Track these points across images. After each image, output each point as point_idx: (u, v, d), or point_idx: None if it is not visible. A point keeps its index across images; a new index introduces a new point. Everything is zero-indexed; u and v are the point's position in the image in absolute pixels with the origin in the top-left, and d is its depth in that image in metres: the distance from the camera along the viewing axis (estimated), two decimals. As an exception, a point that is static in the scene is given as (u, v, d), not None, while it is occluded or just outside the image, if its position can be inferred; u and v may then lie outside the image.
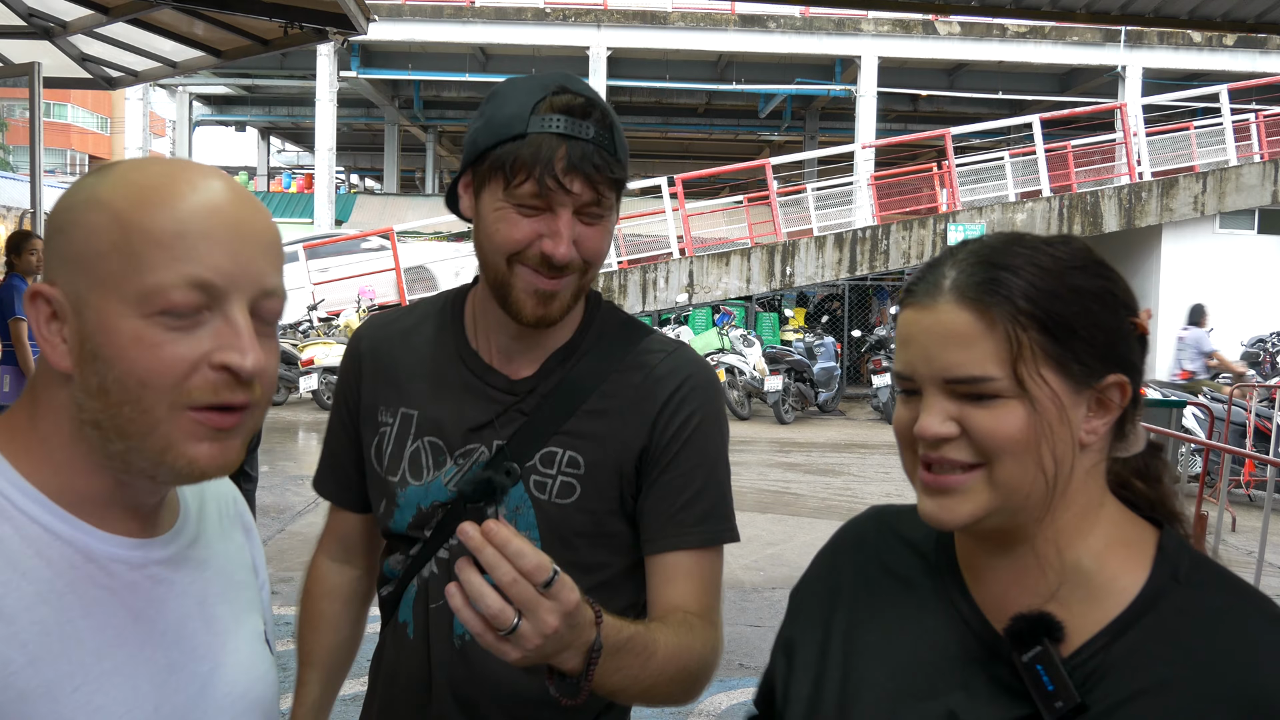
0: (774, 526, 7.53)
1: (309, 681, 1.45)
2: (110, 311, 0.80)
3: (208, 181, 0.84)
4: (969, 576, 0.95)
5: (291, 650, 1.43)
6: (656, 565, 1.29)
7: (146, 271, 0.80)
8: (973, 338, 0.84)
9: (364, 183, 40.96)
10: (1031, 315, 0.85)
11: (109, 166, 0.87)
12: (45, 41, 5.11)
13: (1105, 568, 0.88)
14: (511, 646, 0.95)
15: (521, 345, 1.31)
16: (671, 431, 1.29)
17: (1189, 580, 0.87)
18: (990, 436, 0.84)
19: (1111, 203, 16.78)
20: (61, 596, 0.81)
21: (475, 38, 21.50)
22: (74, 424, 0.84)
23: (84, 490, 0.85)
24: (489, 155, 1.21)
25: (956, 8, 5.11)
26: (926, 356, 0.86)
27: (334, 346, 13.28)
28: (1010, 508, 0.86)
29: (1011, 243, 0.89)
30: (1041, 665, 0.83)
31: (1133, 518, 0.93)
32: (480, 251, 1.26)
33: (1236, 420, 9.13)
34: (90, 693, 0.81)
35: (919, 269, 0.92)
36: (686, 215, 16.65)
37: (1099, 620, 0.86)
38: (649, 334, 1.37)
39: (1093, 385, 0.87)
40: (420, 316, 1.42)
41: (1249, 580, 4.95)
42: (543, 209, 1.20)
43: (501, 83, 1.28)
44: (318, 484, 1.50)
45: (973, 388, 0.84)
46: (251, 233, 0.84)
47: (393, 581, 1.37)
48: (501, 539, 0.93)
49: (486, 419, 1.30)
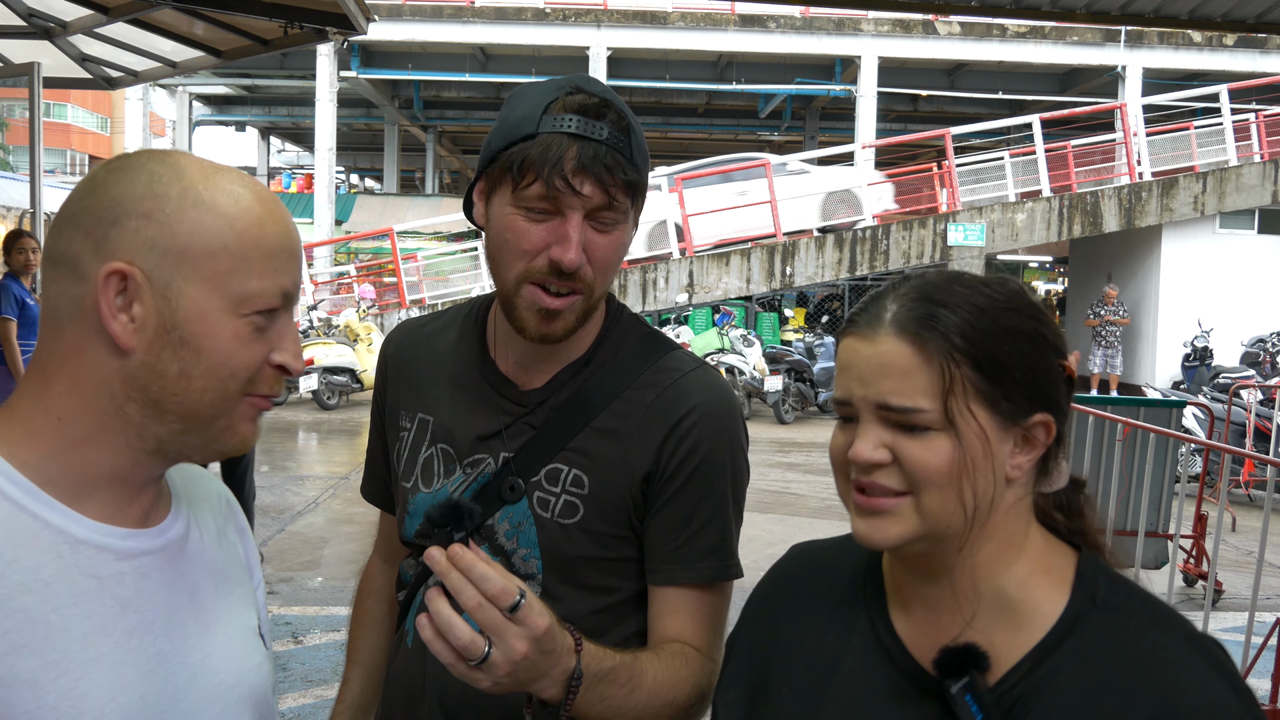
0: (774, 526, 7.53)
1: (351, 679, 1.46)
2: (210, 304, 0.87)
3: (277, 202, 0.95)
4: (894, 603, 0.98)
5: (291, 650, 1.42)
6: (657, 596, 1.25)
7: (253, 277, 0.89)
8: (909, 370, 0.88)
9: (364, 183, 40.96)
10: (965, 352, 0.88)
11: (163, 157, 0.91)
12: (45, 41, 5.11)
13: (1028, 596, 0.91)
14: (483, 674, 0.95)
15: (536, 356, 1.27)
16: (679, 460, 1.23)
17: (1106, 604, 0.90)
18: (918, 467, 0.88)
19: (1111, 203, 16.77)
20: (47, 585, 0.83)
21: (475, 38, 21.50)
22: (114, 402, 0.87)
23: (91, 472, 0.88)
24: (500, 157, 1.17)
25: (956, 8, 5.11)
26: (864, 383, 0.90)
27: (334, 346, 13.28)
28: (934, 535, 0.90)
29: (952, 281, 0.93)
30: (970, 695, 0.86)
31: (1055, 545, 0.96)
32: (491, 262, 1.22)
33: (1236, 420, 9.13)
34: (74, 680, 0.83)
35: (863, 301, 0.95)
36: (686, 215, 16.64)
37: (1022, 647, 0.89)
38: (669, 351, 1.31)
39: (1019, 423, 0.90)
40: (446, 322, 1.39)
41: (1248, 580, 4.93)
42: (552, 212, 1.15)
43: (520, 85, 1.25)
44: (364, 489, 1.50)
45: (905, 417, 0.88)
46: (300, 249, 0.96)
47: (405, 588, 1.36)
48: (466, 563, 0.93)
49: (495, 429, 1.27)
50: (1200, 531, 6.28)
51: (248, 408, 0.92)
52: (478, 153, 1.26)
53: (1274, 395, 9.55)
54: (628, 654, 1.13)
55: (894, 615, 0.97)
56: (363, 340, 13.66)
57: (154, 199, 0.87)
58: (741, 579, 1.29)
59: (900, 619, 0.96)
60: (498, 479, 1.25)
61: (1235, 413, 9.20)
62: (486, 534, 1.24)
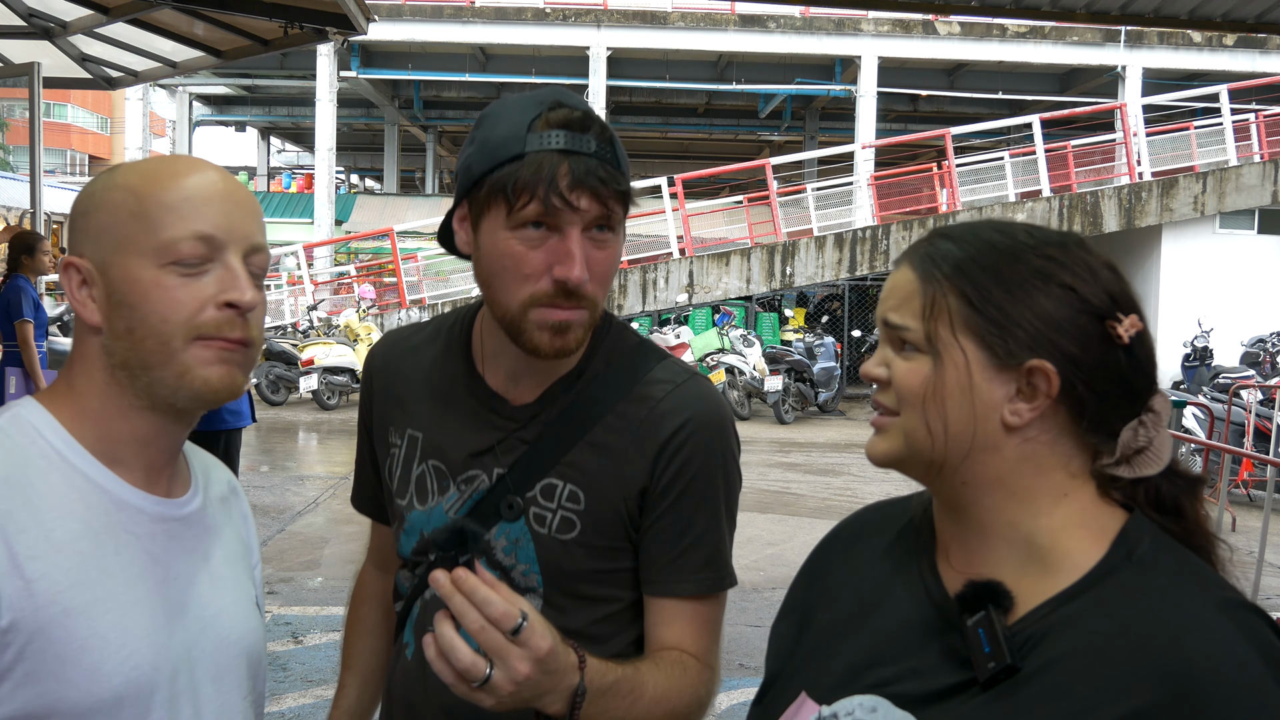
0: (774, 526, 7.53)
1: (347, 685, 1.45)
2: (132, 265, 0.99)
3: (202, 164, 1.06)
4: (940, 545, 1.00)
5: (291, 650, 1.42)
6: (654, 606, 1.26)
7: (160, 230, 0.98)
8: (909, 293, 0.94)
9: (364, 183, 40.95)
10: (953, 281, 0.92)
11: (120, 164, 1.07)
12: (45, 41, 5.11)
13: (1059, 545, 0.90)
14: (485, 695, 0.96)
15: (527, 370, 1.25)
16: (672, 473, 1.23)
17: (1142, 560, 0.88)
18: (898, 384, 0.94)
19: (1111, 203, 16.78)
20: (98, 535, 0.98)
21: (475, 38, 21.50)
22: (106, 371, 1.01)
23: (115, 439, 1.02)
24: (486, 181, 1.14)
25: (956, 8, 5.11)
26: (881, 304, 0.98)
27: (334, 346, 13.29)
28: (911, 458, 0.95)
29: (985, 223, 0.97)
30: (983, 629, 0.87)
31: (1107, 508, 0.92)
32: (486, 289, 1.20)
33: (1236, 420, 9.13)
34: (120, 615, 0.97)
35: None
36: (686, 215, 16.66)
37: (1045, 592, 0.88)
38: (659, 361, 1.29)
39: (1014, 365, 0.89)
40: (431, 334, 1.37)
41: (1248, 580, 4.92)
42: (550, 230, 1.13)
43: (491, 105, 1.22)
44: (354, 500, 1.49)
45: (895, 333, 0.95)
46: (240, 199, 1.04)
47: (401, 599, 1.35)
48: (469, 587, 0.94)
49: (487, 445, 1.25)
50: (1200, 531, 6.26)
51: (201, 350, 1.00)
52: (478, 153, 1.24)
53: (1274, 395, 9.55)
54: (629, 666, 1.13)
55: (939, 557, 0.99)
56: (363, 340, 13.67)
57: (89, 197, 1.03)
58: (744, 579, 1.30)
59: (943, 560, 0.99)
60: (493, 495, 1.24)
61: (1235, 413, 9.20)
62: (484, 550, 1.24)
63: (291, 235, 22.08)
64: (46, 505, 0.96)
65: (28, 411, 1.02)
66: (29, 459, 0.97)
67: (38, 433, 1.00)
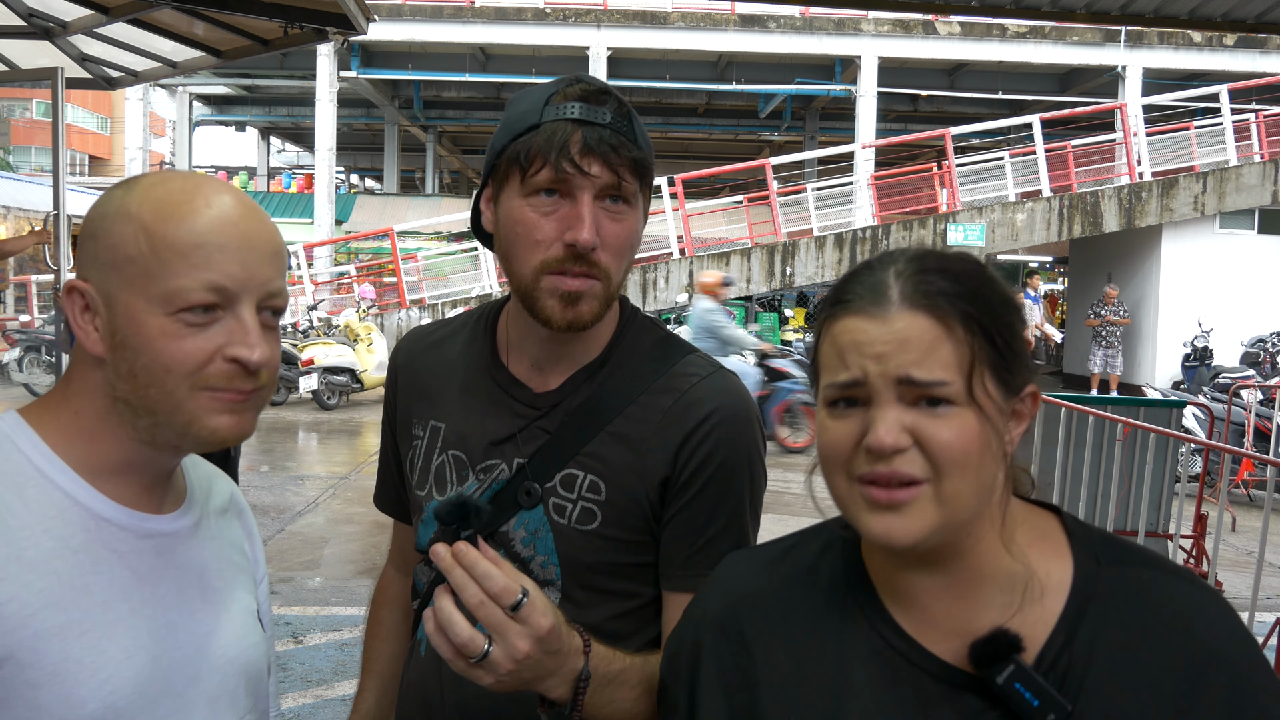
0: (774, 526, 7.46)
1: (366, 689, 1.45)
2: (138, 308, 0.94)
3: (221, 197, 0.97)
4: (888, 600, 0.92)
5: (291, 650, 1.43)
6: (672, 601, 1.23)
7: (170, 277, 0.93)
8: (933, 343, 0.83)
9: (364, 183, 40.94)
10: (979, 323, 0.85)
11: (135, 179, 0.99)
12: (45, 41, 5.10)
13: (1029, 565, 0.90)
14: (484, 672, 0.95)
15: (551, 358, 1.25)
16: (695, 465, 1.21)
17: (1109, 559, 0.90)
18: (944, 448, 0.82)
19: (1111, 203, 16.78)
20: (75, 553, 0.94)
21: (475, 38, 21.50)
22: (107, 400, 0.97)
23: (108, 460, 0.98)
24: (504, 152, 1.17)
25: (956, 8, 5.11)
26: (880, 360, 0.83)
27: (334, 346, 13.28)
28: (952, 524, 0.84)
29: (936, 254, 0.90)
30: (1020, 683, 0.83)
31: (1032, 508, 0.94)
32: (505, 261, 1.20)
33: (1236, 420, 9.13)
34: (96, 638, 0.93)
35: (840, 280, 0.91)
36: (686, 215, 16.66)
37: (1046, 619, 0.87)
38: (685, 354, 1.28)
39: (1017, 395, 0.88)
40: (455, 328, 1.38)
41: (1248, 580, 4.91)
42: (563, 197, 1.15)
43: (520, 90, 1.25)
44: (377, 499, 1.49)
45: (928, 391, 0.82)
46: (259, 243, 0.97)
47: (418, 596, 1.34)
48: (469, 560, 0.93)
49: (508, 433, 1.25)
50: (1200, 531, 6.28)
51: (209, 401, 0.95)
52: (477, 153, 1.27)
53: (1274, 395, 9.55)
54: (638, 657, 1.12)
55: (893, 613, 0.92)
56: (363, 340, 13.66)
57: (98, 219, 0.97)
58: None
59: (901, 616, 0.91)
60: (512, 484, 1.23)
61: (1235, 413, 9.20)
62: (502, 541, 1.23)
63: (291, 235, 22.07)
64: (19, 523, 0.91)
65: (6, 425, 0.97)
66: (1, 474, 0.94)
67: (15, 447, 0.96)
